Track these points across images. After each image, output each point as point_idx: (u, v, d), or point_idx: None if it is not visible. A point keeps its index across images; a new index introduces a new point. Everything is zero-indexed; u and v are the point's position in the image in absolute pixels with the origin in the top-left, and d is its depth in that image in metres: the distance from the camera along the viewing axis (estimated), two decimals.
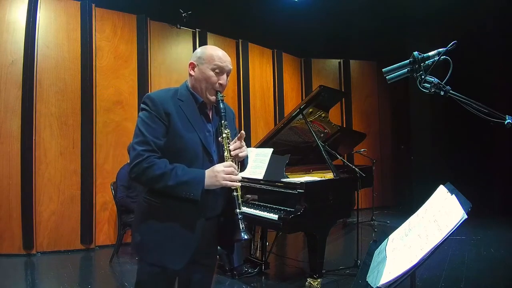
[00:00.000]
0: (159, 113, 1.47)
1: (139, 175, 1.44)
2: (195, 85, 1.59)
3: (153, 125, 1.46)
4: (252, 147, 3.84)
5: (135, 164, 1.44)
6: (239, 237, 1.48)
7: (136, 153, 1.44)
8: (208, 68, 1.55)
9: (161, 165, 1.44)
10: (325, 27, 6.57)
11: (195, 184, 1.45)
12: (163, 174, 1.43)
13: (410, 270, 1.07)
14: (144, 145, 1.44)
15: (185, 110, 1.53)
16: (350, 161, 5.37)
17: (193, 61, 1.59)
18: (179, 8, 5.17)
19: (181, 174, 1.44)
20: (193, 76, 1.58)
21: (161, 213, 1.50)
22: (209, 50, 1.59)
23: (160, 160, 1.45)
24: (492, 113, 1.22)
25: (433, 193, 1.41)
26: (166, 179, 1.43)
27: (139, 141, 1.46)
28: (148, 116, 1.48)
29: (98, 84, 4.66)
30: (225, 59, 1.59)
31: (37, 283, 3.46)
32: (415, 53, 1.33)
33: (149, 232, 1.51)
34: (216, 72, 1.56)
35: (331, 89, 3.81)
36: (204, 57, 1.57)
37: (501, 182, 6.18)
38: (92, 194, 4.54)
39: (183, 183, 1.44)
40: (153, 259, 1.50)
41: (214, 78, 1.55)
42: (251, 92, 6.10)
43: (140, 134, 1.46)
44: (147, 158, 1.43)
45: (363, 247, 3.71)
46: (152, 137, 1.45)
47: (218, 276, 3.52)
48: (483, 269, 3.68)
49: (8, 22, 4.21)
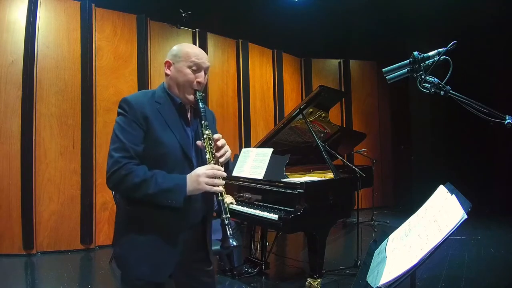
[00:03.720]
0: (137, 117, 1.40)
1: (117, 184, 1.37)
2: (172, 85, 1.51)
3: (130, 130, 1.39)
4: (252, 147, 3.84)
5: (113, 172, 1.36)
6: (228, 244, 1.39)
7: (113, 160, 1.36)
8: (185, 66, 1.47)
9: (139, 172, 1.36)
10: (325, 27, 6.57)
11: (177, 191, 1.38)
12: (142, 182, 1.35)
13: (410, 270, 1.07)
14: (122, 152, 1.36)
15: (163, 114, 1.45)
16: (350, 161, 5.37)
17: (168, 60, 1.51)
18: (179, 8, 5.17)
19: (162, 181, 1.37)
20: (169, 75, 1.51)
21: (142, 224, 1.43)
22: (185, 48, 1.52)
23: (139, 167, 1.38)
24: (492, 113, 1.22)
25: (433, 193, 1.41)
26: (146, 187, 1.35)
27: (116, 147, 1.38)
28: (125, 121, 1.40)
29: (98, 84, 4.66)
30: (202, 56, 1.52)
31: (37, 283, 3.46)
32: (415, 53, 1.33)
33: (130, 245, 1.44)
34: (193, 70, 1.48)
35: (331, 89, 3.81)
36: (180, 54, 1.49)
37: (501, 182, 6.18)
38: (92, 194, 4.54)
39: (164, 191, 1.36)
40: (136, 273, 1.43)
41: (192, 76, 1.48)
42: (251, 92, 6.10)
43: (117, 140, 1.38)
44: (125, 166, 1.35)
45: (363, 247, 3.71)
46: (130, 143, 1.38)
47: (218, 276, 3.52)
48: (483, 269, 3.68)
49: (8, 22, 4.21)
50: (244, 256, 3.66)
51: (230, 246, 1.39)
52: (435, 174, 6.12)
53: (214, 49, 5.76)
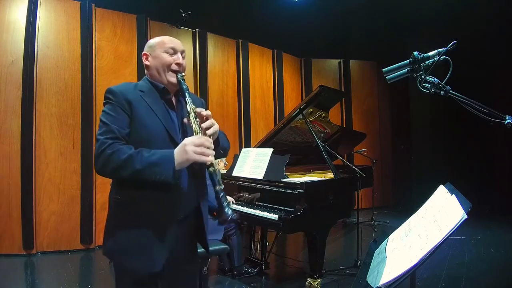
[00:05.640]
0: (121, 103, 1.42)
1: (104, 163, 1.34)
2: (153, 74, 1.54)
3: (116, 115, 1.41)
4: (252, 147, 3.84)
5: (100, 153, 1.34)
6: (224, 216, 1.32)
7: (99, 143, 1.36)
8: (161, 52, 1.53)
9: (125, 149, 1.35)
10: (325, 27, 6.57)
11: (165, 163, 1.33)
12: (128, 157, 1.32)
13: (410, 270, 1.07)
14: (108, 134, 1.37)
15: (147, 99, 1.47)
16: (350, 161, 5.37)
17: (145, 52, 1.57)
18: (179, 8, 5.17)
19: (148, 155, 1.34)
20: (149, 65, 1.55)
21: (133, 213, 1.42)
22: (158, 38, 1.59)
23: (124, 145, 1.37)
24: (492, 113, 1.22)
25: (433, 193, 1.41)
26: (133, 163, 1.32)
27: (102, 131, 1.38)
28: (111, 108, 1.42)
29: (98, 84, 4.66)
30: (176, 41, 1.58)
31: (37, 283, 3.46)
32: (415, 53, 1.33)
33: (121, 236, 1.43)
34: (170, 53, 1.53)
35: (331, 89, 3.81)
36: (154, 43, 1.56)
37: (501, 182, 6.18)
38: (92, 194, 4.54)
39: (151, 164, 1.32)
40: (128, 264, 1.43)
41: (170, 58, 1.52)
42: (251, 92, 6.10)
43: (103, 126, 1.40)
44: (111, 145, 1.35)
45: (363, 247, 3.71)
46: (116, 125, 1.39)
47: (218, 276, 3.53)
48: (483, 269, 3.67)
49: (8, 22, 4.21)
50: (244, 256, 3.66)
51: (227, 217, 1.32)
52: (435, 174, 6.11)
53: (214, 49, 5.76)
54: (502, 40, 5.79)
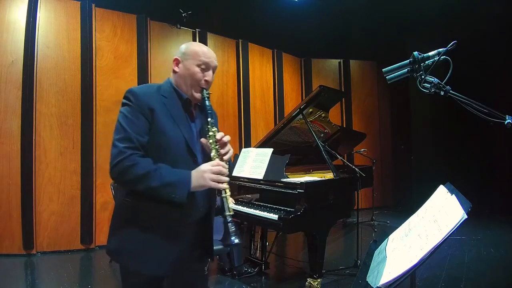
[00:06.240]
0: (143, 108, 1.39)
1: (120, 174, 1.34)
2: (180, 82, 1.51)
3: (136, 120, 1.38)
4: (252, 147, 3.84)
5: (117, 163, 1.33)
6: (229, 242, 1.38)
7: (118, 151, 1.34)
8: (194, 64, 1.48)
9: (144, 164, 1.35)
10: (325, 27, 6.57)
11: (181, 185, 1.36)
12: (146, 174, 1.33)
13: (410, 270, 1.07)
14: (127, 142, 1.35)
15: (169, 107, 1.45)
16: (350, 161, 5.37)
17: (177, 57, 1.52)
18: (179, 8, 5.17)
19: (166, 174, 1.35)
20: (178, 72, 1.51)
21: (141, 216, 1.41)
22: (194, 46, 1.53)
23: (143, 159, 1.36)
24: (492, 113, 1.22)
25: (433, 193, 1.41)
26: (149, 180, 1.33)
27: (121, 137, 1.35)
28: (131, 111, 1.39)
29: (98, 84, 4.66)
30: (211, 55, 1.52)
31: (37, 283, 3.46)
32: (415, 53, 1.33)
33: (129, 237, 1.41)
34: (202, 68, 1.49)
35: (331, 89, 3.81)
36: (189, 52, 1.50)
37: (501, 182, 6.17)
38: (92, 194, 4.54)
39: (167, 184, 1.35)
40: (133, 266, 1.42)
41: (200, 74, 1.49)
42: (251, 92, 6.10)
43: (122, 130, 1.36)
44: (130, 156, 1.33)
45: (363, 247, 3.71)
46: (135, 133, 1.36)
47: (218, 276, 3.52)
48: (483, 269, 3.67)
49: (8, 22, 4.21)
50: (244, 256, 3.66)
51: (232, 243, 1.38)
52: (435, 174, 6.12)
53: (214, 49, 5.64)
54: (502, 40, 5.79)
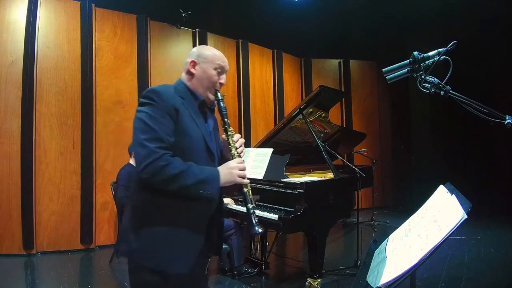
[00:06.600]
0: (168, 108, 1.40)
1: (154, 174, 1.33)
2: (196, 84, 1.56)
3: (163, 120, 1.38)
4: (252, 147, 3.84)
5: (150, 163, 1.32)
6: (254, 231, 1.49)
7: (149, 151, 1.33)
8: (211, 68, 1.55)
9: (176, 164, 1.36)
10: (325, 27, 6.57)
11: (212, 181, 1.43)
12: (180, 173, 1.35)
13: (410, 270, 1.07)
14: (158, 142, 1.35)
15: (188, 108, 1.49)
16: (350, 161, 5.37)
17: (194, 59, 1.56)
18: (179, 8, 5.17)
19: (198, 172, 1.39)
20: (194, 74, 1.56)
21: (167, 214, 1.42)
22: (211, 50, 1.60)
23: (175, 159, 1.38)
24: (492, 113, 1.22)
25: (433, 193, 1.41)
26: (184, 178, 1.36)
27: (150, 137, 1.35)
28: (156, 111, 1.39)
29: (98, 84, 4.66)
30: (225, 60, 1.61)
31: (37, 283, 3.46)
32: (415, 53, 1.33)
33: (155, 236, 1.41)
34: (218, 72, 1.56)
35: (331, 89, 3.81)
36: (206, 56, 1.56)
37: (501, 182, 6.18)
38: (92, 194, 4.54)
39: (200, 182, 1.39)
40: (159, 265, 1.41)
41: (216, 77, 1.56)
42: (251, 92, 6.10)
43: (150, 130, 1.36)
44: (163, 156, 1.34)
45: (363, 247, 3.71)
46: (164, 133, 1.37)
47: (218, 276, 3.53)
48: (483, 269, 3.67)
49: (8, 22, 4.21)
50: (244, 256, 3.66)
51: (256, 233, 1.50)
52: (435, 174, 6.12)
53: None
54: (502, 40, 5.79)
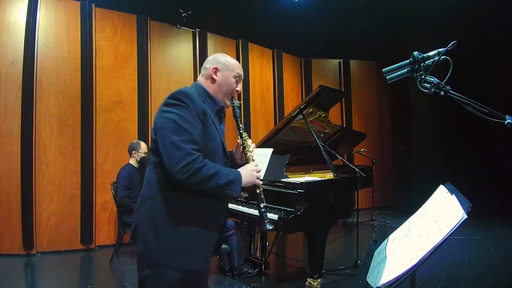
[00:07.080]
0: (199, 112, 1.45)
1: (190, 175, 1.37)
2: (216, 89, 1.62)
3: (195, 123, 1.43)
4: None
5: (187, 164, 1.36)
6: (265, 228, 1.58)
7: (186, 152, 1.37)
8: (231, 76, 1.62)
9: (210, 165, 1.42)
10: (325, 27, 6.57)
11: (237, 182, 1.50)
12: (214, 173, 1.41)
13: (410, 270, 1.07)
14: (193, 144, 1.40)
15: (210, 112, 1.54)
16: (350, 161, 5.37)
17: (216, 66, 1.62)
18: (179, 8, 5.17)
19: (227, 173, 1.47)
20: (216, 80, 1.61)
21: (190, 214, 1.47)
22: (230, 59, 1.67)
23: (207, 160, 1.43)
24: (492, 113, 1.22)
25: (433, 193, 1.41)
26: (217, 179, 1.42)
27: (185, 139, 1.38)
28: (189, 114, 1.42)
29: (98, 84, 4.66)
30: (241, 69, 1.69)
31: (37, 283, 3.46)
32: (415, 53, 1.33)
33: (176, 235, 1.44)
34: (236, 80, 1.64)
35: (331, 89, 3.81)
36: (228, 64, 1.63)
37: (501, 182, 6.17)
38: (92, 194, 4.54)
39: (230, 182, 1.47)
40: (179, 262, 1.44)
41: (234, 85, 1.64)
42: (251, 92, 6.10)
43: (183, 132, 1.39)
44: (199, 158, 1.39)
45: (363, 247, 3.71)
46: (197, 136, 1.42)
47: (218, 276, 3.53)
48: (483, 269, 3.67)
49: (8, 22, 4.21)
50: (244, 256, 3.66)
51: (267, 229, 1.60)
52: (435, 174, 6.11)
53: (214, 49, 5.76)
54: (502, 40, 5.79)
